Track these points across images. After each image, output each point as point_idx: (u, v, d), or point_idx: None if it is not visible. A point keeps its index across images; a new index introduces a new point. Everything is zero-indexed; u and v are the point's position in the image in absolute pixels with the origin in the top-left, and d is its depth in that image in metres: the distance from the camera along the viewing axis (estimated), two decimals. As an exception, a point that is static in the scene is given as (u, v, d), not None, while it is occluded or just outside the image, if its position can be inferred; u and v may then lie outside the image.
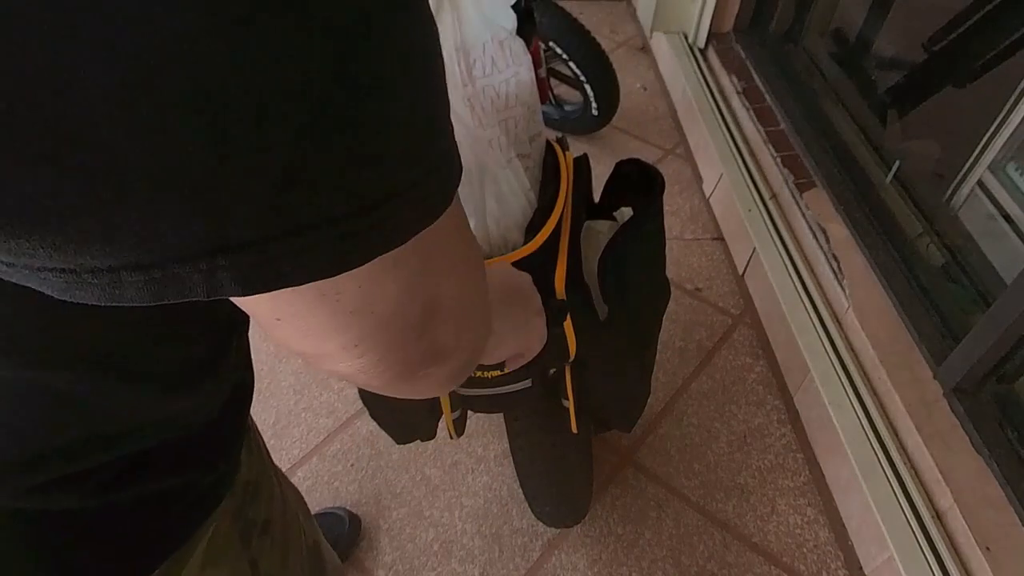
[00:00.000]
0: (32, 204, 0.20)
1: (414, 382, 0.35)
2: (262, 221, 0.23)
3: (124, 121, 0.19)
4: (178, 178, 0.21)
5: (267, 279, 0.24)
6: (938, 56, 1.61)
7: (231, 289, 0.24)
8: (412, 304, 0.30)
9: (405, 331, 0.31)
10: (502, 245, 0.74)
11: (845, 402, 1.30)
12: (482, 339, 0.40)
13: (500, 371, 0.77)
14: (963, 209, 1.39)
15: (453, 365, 0.36)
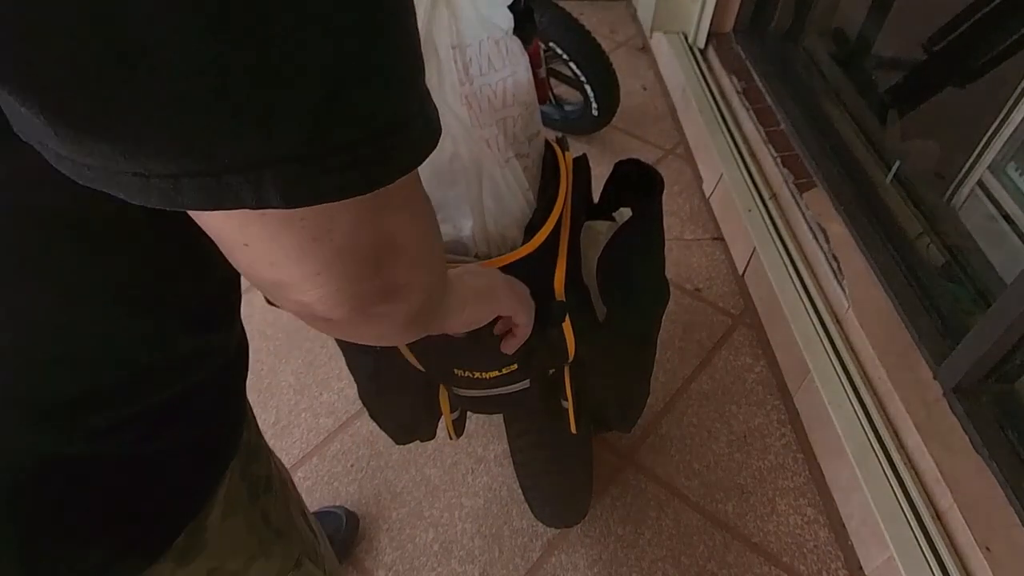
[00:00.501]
0: (109, 114, 0.24)
1: (371, 321, 0.38)
2: (303, 139, 0.26)
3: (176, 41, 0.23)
4: (227, 94, 0.24)
5: (309, 193, 0.28)
6: (938, 56, 1.61)
7: (276, 200, 0.27)
8: (369, 235, 0.33)
9: (361, 262, 0.34)
10: (501, 244, 0.74)
11: (845, 402, 1.30)
12: (437, 284, 0.42)
13: (499, 371, 0.77)
14: (963, 209, 1.39)
15: (408, 307, 0.39)
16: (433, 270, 0.41)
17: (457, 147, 0.68)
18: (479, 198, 0.71)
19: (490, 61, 0.68)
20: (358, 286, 0.35)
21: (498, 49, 0.68)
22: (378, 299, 0.37)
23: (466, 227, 0.72)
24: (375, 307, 0.37)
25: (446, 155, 0.68)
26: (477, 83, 0.68)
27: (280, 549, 0.60)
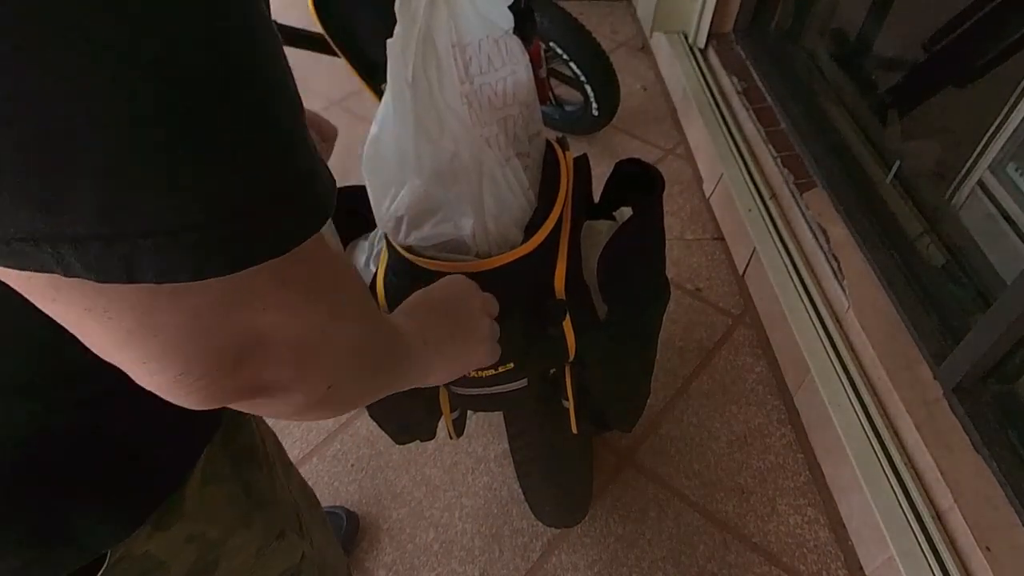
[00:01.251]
0: None
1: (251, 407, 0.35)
2: (93, 221, 0.24)
3: None
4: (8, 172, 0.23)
5: (116, 272, 0.25)
6: (938, 56, 1.61)
7: (85, 274, 0.25)
8: (218, 332, 0.30)
9: (206, 358, 0.30)
10: (501, 243, 0.74)
11: (845, 402, 1.30)
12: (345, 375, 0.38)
13: (495, 370, 0.77)
14: (963, 209, 1.39)
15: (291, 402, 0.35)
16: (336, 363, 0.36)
17: (457, 146, 0.68)
18: (479, 197, 0.71)
19: (490, 60, 0.68)
20: (208, 380, 0.31)
21: (498, 48, 0.68)
22: (242, 396, 0.33)
23: (466, 226, 0.72)
24: (240, 402, 0.33)
25: (446, 154, 0.68)
26: (477, 82, 0.68)
27: (261, 520, 0.60)
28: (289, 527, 0.65)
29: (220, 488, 0.55)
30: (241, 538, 0.58)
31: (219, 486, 0.54)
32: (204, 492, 0.52)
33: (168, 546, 0.51)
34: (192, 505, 0.51)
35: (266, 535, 0.61)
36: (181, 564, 0.52)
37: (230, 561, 0.57)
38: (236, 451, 0.57)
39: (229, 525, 0.56)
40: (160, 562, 0.50)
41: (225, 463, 0.55)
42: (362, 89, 1.37)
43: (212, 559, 0.55)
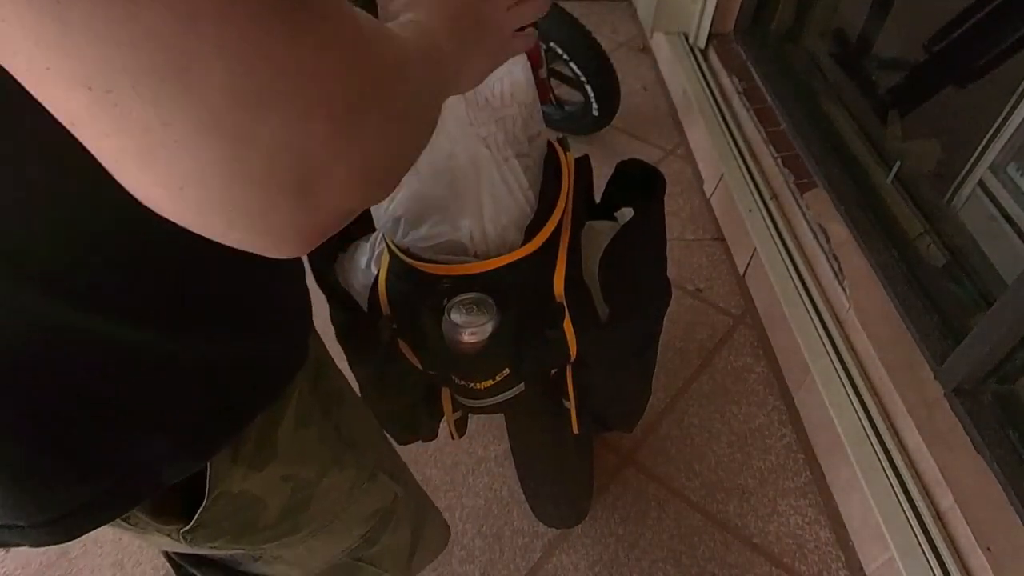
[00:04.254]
0: None
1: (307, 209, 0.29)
2: None
3: None
4: None
5: None
6: (939, 56, 1.61)
7: None
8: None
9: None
10: (500, 245, 0.74)
11: (846, 402, 1.30)
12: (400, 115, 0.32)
13: (492, 380, 0.77)
14: (964, 209, 1.39)
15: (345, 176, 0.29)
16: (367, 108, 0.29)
17: (454, 146, 0.68)
18: (477, 198, 0.71)
19: None
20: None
21: None
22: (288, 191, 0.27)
23: (464, 227, 0.72)
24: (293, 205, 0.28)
25: (443, 154, 0.68)
26: None
27: (353, 460, 0.61)
28: (381, 468, 0.66)
29: (312, 430, 0.56)
30: (334, 478, 0.59)
31: (311, 428, 0.56)
32: (297, 434, 0.54)
33: (264, 485, 0.53)
34: (286, 447, 0.53)
35: (358, 475, 0.62)
36: (277, 501, 0.55)
37: (323, 499, 0.59)
38: (324, 395, 0.58)
39: (322, 465, 0.58)
40: (257, 498, 0.53)
41: (315, 407, 0.56)
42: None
43: (306, 496, 0.57)
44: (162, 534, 0.50)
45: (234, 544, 0.55)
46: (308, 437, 0.56)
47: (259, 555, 0.61)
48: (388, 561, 0.74)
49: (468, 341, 0.73)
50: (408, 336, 0.80)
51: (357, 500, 0.63)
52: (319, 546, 0.63)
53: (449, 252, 0.75)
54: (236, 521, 0.53)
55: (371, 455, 0.65)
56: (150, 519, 0.48)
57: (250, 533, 0.55)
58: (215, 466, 0.48)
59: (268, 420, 0.51)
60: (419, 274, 0.74)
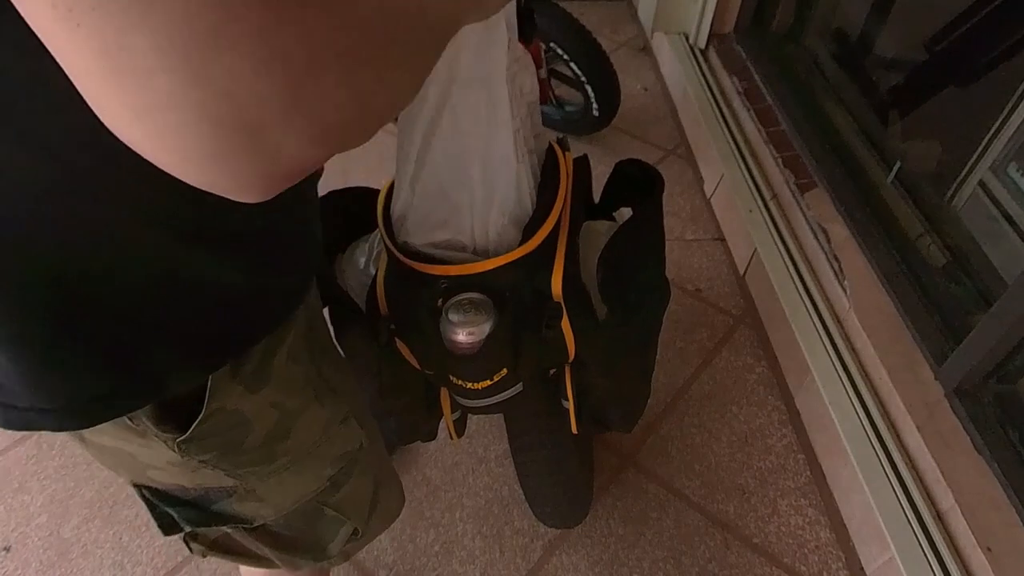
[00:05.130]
0: None
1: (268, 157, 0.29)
2: None
3: None
4: None
5: None
6: (939, 56, 1.61)
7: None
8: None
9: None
10: (499, 243, 0.74)
11: (846, 403, 1.30)
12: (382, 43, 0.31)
13: (490, 380, 0.77)
14: (964, 209, 1.39)
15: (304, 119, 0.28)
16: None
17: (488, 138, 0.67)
18: (492, 196, 0.71)
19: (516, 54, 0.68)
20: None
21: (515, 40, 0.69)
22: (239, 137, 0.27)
23: (465, 226, 0.72)
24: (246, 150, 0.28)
25: (454, 151, 0.68)
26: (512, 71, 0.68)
27: (331, 402, 0.67)
28: (353, 415, 0.72)
29: (300, 368, 0.62)
30: (314, 413, 0.65)
31: (299, 366, 0.62)
32: (288, 368, 0.60)
33: (255, 407, 0.58)
34: (278, 376, 0.59)
35: (333, 415, 0.68)
36: (263, 425, 0.60)
37: (301, 432, 0.64)
38: (314, 341, 0.64)
39: (306, 400, 0.64)
40: (247, 419, 0.58)
41: (305, 349, 0.62)
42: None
43: (287, 426, 0.63)
44: (160, 440, 0.55)
45: (219, 461, 0.60)
46: (296, 373, 0.62)
47: (234, 487, 0.65)
48: (351, 509, 0.79)
49: (466, 341, 0.73)
50: (406, 336, 0.80)
51: (330, 439, 0.69)
52: (291, 482, 0.68)
53: (448, 249, 0.75)
54: (225, 438, 0.58)
55: (346, 402, 0.71)
56: (152, 424, 0.53)
57: (235, 453, 0.60)
58: (216, 380, 0.54)
59: (268, 348, 0.57)
60: (417, 274, 0.74)
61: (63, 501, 1.40)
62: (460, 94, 0.66)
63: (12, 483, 1.43)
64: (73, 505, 1.39)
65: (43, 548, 1.32)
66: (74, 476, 1.43)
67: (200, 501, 0.67)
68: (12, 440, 1.50)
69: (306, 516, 0.75)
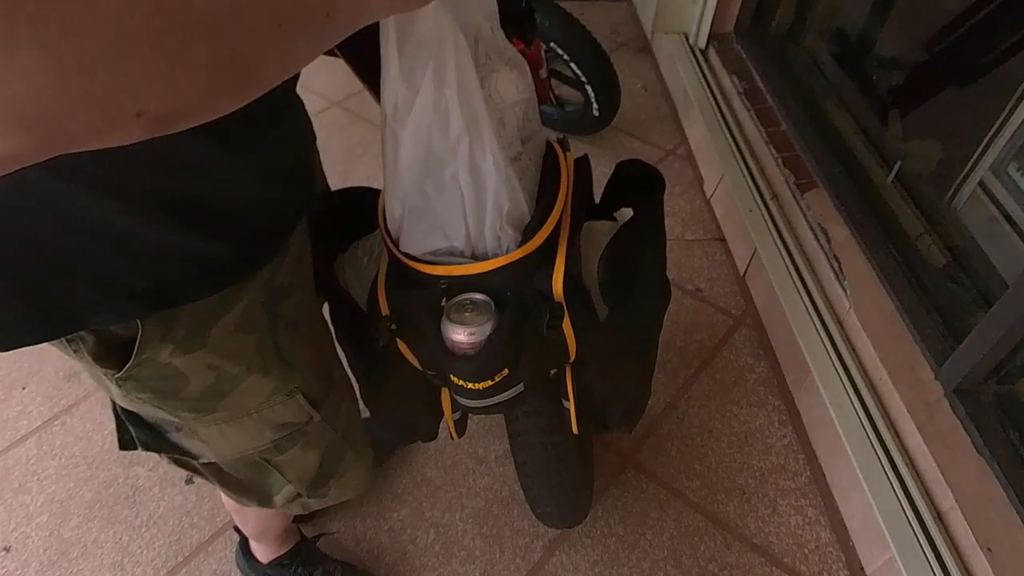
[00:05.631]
0: None
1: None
2: None
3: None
4: None
5: None
6: (940, 56, 1.61)
7: None
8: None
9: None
10: (498, 247, 0.74)
11: (846, 403, 1.30)
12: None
13: (491, 381, 0.77)
14: (964, 210, 1.39)
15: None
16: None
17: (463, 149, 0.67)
18: (481, 207, 0.70)
19: (487, 55, 0.67)
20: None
21: (494, 39, 0.68)
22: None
23: (459, 234, 0.72)
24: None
25: (441, 156, 0.68)
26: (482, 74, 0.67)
27: (279, 374, 0.70)
28: (302, 392, 0.74)
29: (252, 337, 0.65)
30: (255, 382, 0.68)
31: (251, 335, 0.65)
32: (235, 336, 0.63)
33: (189, 365, 0.62)
34: (217, 342, 0.62)
35: (279, 387, 0.71)
36: (199, 381, 0.64)
37: (240, 396, 0.68)
38: (279, 314, 0.67)
39: (249, 368, 0.67)
40: (181, 373, 0.63)
41: (263, 319, 0.66)
42: (362, 89, 1.37)
43: (226, 388, 0.66)
44: (101, 375, 0.61)
45: (157, 402, 0.65)
46: (245, 341, 0.65)
47: (180, 425, 0.70)
48: (292, 473, 0.83)
49: (467, 342, 0.73)
50: (407, 336, 0.80)
51: (271, 408, 0.72)
52: (232, 434, 0.72)
53: (447, 253, 0.75)
54: (160, 384, 0.63)
55: (299, 378, 0.73)
56: (91, 358, 0.59)
57: (172, 398, 0.65)
58: (145, 336, 0.58)
59: (205, 315, 0.60)
60: (418, 275, 0.74)
61: (63, 501, 1.39)
62: (421, 101, 0.65)
63: (12, 483, 1.43)
64: (73, 505, 1.39)
65: (43, 548, 1.32)
66: (74, 476, 1.43)
67: (157, 427, 0.72)
68: (12, 440, 1.50)
69: (250, 466, 0.79)
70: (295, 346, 0.71)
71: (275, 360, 0.69)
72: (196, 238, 0.56)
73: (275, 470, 0.81)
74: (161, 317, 0.58)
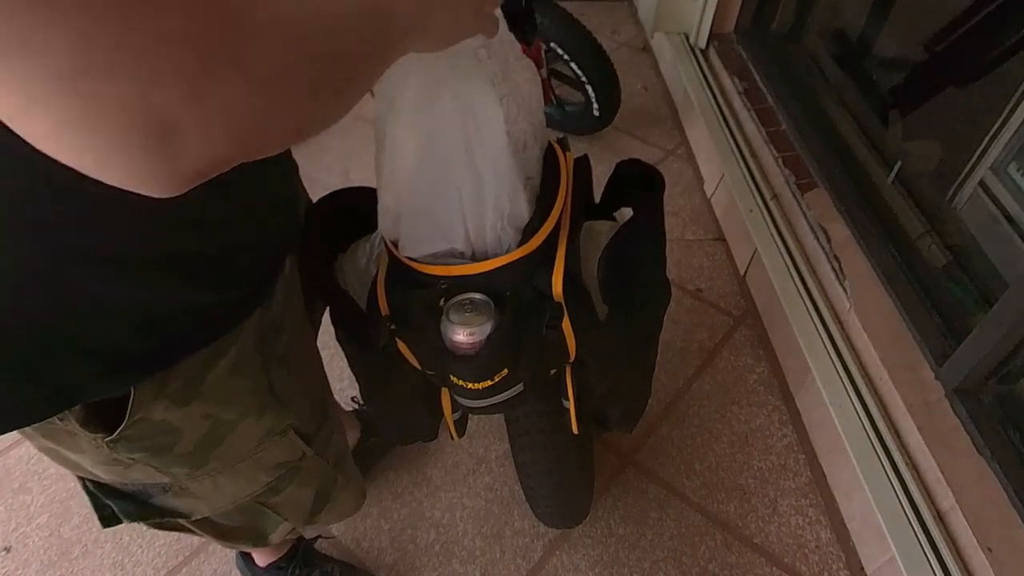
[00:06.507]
0: None
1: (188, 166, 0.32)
2: None
3: None
4: None
5: None
6: (940, 56, 1.61)
7: None
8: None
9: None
10: (498, 247, 0.74)
11: (846, 403, 1.30)
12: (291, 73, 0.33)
13: (491, 380, 0.77)
14: (965, 209, 1.39)
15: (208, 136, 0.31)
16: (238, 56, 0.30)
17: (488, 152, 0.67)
18: (472, 206, 0.70)
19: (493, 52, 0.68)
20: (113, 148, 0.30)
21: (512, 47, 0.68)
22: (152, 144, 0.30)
23: (459, 236, 0.72)
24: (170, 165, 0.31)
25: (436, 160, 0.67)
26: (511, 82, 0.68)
27: (273, 413, 0.68)
28: (295, 429, 0.72)
29: (247, 380, 0.64)
30: (250, 424, 0.66)
31: (246, 379, 0.64)
32: (229, 381, 0.62)
33: (184, 418, 0.60)
34: (212, 390, 0.60)
35: (273, 427, 0.69)
36: (193, 433, 0.62)
37: (235, 441, 0.66)
38: (271, 354, 0.65)
39: (244, 411, 0.65)
40: (175, 428, 0.60)
41: (256, 361, 0.64)
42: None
43: (220, 435, 0.65)
44: (88, 441, 0.57)
45: (150, 460, 0.62)
46: (239, 385, 0.63)
47: (170, 484, 0.67)
48: (288, 511, 0.82)
49: (466, 342, 0.73)
50: (407, 336, 0.80)
51: (266, 449, 0.70)
52: (226, 483, 0.70)
53: (447, 254, 0.75)
54: (154, 441, 0.60)
55: (293, 415, 0.72)
56: (78, 425, 0.56)
57: (165, 454, 0.62)
58: (138, 396, 0.56)
59: (199, 365, 0.59)
60: (417, 275, 0.74)
61: (63, 501, 1.40)
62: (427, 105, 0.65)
63: (12, 483, 1.43)
64: (73, 505, 1.39)
65: (43, 548, 1.32)
66: (74, 476, 1.43)
67: (139, 495, 0.69)
68: (13, 440, 1.50)
69: (244, 512, 0.77)
70: (288, 383, 0.70)
71: (269, 400, 0.67)
72: (195, 290, 0.55)
73: (270, 511, 0.80)
74: (155, 376, 0.56)
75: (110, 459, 0.60)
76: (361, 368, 0.93)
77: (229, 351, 0.60)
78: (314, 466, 0.79)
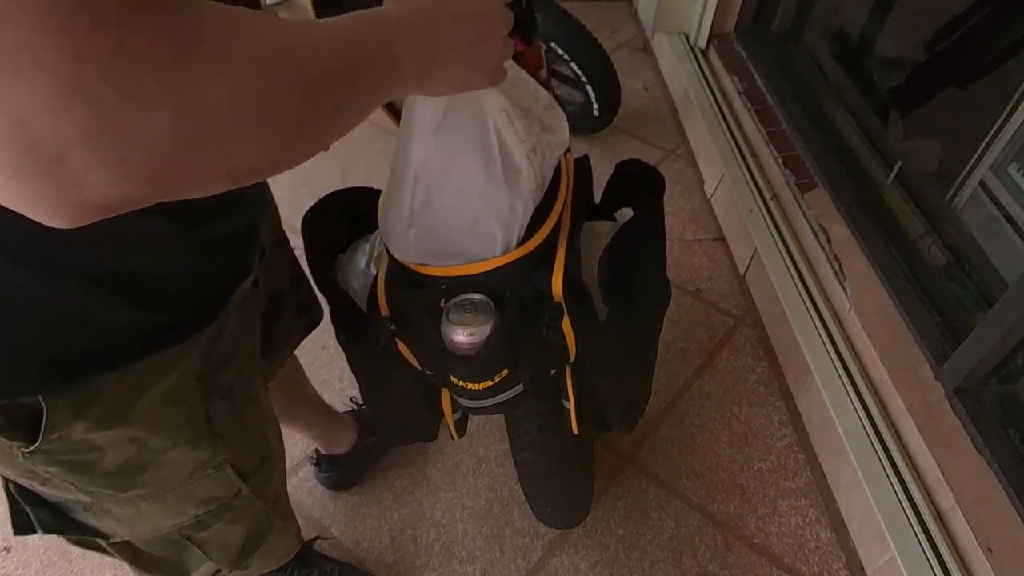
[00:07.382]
0: None
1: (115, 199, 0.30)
2: None
3: None
4: None
5: None
6: (940, 56, 1.61)
7: None
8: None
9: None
10: (496, 245, 0.74)
11: (846, 403, 1.30)
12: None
13: (491, 381, 0.77)
14: (965, 210, 1.39)
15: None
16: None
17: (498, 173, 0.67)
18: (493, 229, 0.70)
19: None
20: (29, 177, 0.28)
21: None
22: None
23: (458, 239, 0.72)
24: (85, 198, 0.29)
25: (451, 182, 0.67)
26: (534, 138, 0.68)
27: (208, 447, 0.65)
28: (232, 465, 0.69)
29: (181, 411, 0.61)
30: (181, 455, 0.63)
31: (181, 409, 0.61)
32: (162, 409, 0.59)
33: (109, 440, 0.57)
34: (141, 415, 0.58)
35: (207, 460, 0.66)
36: (118, 454, 0.59)
37: (163, 468, 0.63)
38: (214, 385, 0.63)
39: (176, 441, 0.62)
40: (98, 447, 0.57)
41: (196, 392, 0.61)
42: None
43: (147, 461, 0.61)
44: (5, 447, 0.55)
45: (67, 477, 0.59)
46: (174, 415, 0.61)
47: (90, 503, 0.64)
48: (215, 550, 0.77)
49: (466, 342, 0.73)
50: (407, 337, 0.80)
51: (197, 482, 0.67)
52: (150, 511, 0.66)
53: (447, 257, 0.75)
54: (73, 458, 0.57)
55: (230, 451, 0.68)
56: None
57: (84, 472, 0.59)
58: (54, 414, 0.53)
59: (128, 390, 0.56)
60: (417, 275, 0.74)
61: (63, 501, 1.40)
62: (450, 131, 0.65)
63: (12, 483, 1.43)
64: (73, 505, 1.39)
65: (43, 548, 1.32)
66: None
67: (60, 506, 0.65)
68: (12, 440, 1.49)
69: (167, 543, 0.73)
70: (228, 417, 0.67)
71: (205, 433, 0.64)
72: (124, 306, 0.53)
73: (194, 547, 0.75)
74: (72, 397, 0.54)
75: (26, 469, 0.58)
76: (361, 368, 0.93)
77: (166, 377, 0.58)
78: (248, 505, 0.76)
